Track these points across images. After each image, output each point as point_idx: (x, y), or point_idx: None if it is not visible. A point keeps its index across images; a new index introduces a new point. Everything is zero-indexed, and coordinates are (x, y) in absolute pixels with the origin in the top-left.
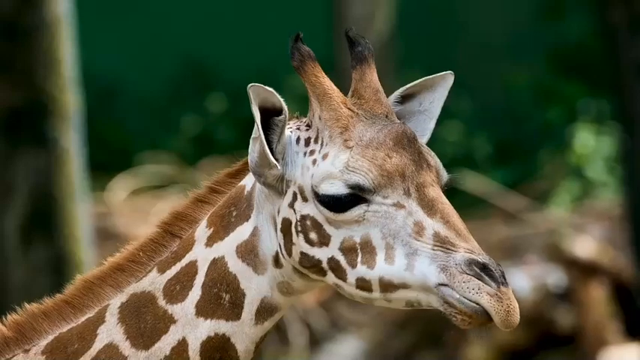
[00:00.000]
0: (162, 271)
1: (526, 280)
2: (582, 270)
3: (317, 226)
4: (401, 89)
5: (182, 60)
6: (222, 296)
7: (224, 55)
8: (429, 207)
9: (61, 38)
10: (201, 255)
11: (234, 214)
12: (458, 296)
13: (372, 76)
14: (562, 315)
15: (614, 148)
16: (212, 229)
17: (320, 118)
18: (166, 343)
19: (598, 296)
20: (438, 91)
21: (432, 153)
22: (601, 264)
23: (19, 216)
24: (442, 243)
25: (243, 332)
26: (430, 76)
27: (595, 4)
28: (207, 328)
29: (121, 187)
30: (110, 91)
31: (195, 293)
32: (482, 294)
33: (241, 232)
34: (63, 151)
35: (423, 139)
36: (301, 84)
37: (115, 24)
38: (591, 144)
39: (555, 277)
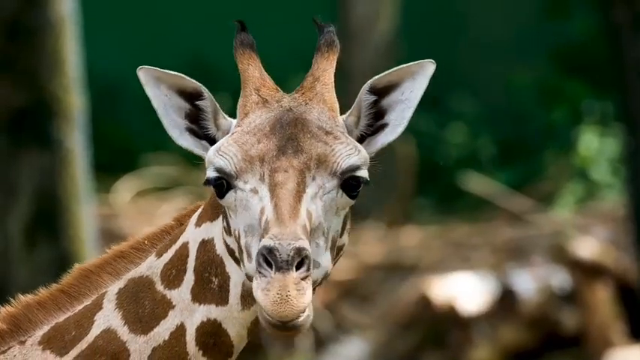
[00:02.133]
0: (159, 255)
1: (531, 281)
2: (587, 271)
3: (227, 214)
4: (372, 79)
5: (186, 60)
6: (212, 280)
7: (228, 55)
8: (272, 192)
9: (65, 38)
10: (192, 236)
11: None
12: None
13: (319, 65)
14: (567, 316)
15: (618, 150)
16: (202, 209)
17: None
18: (165, 328)
19: (603, 297)
20: (418, 80)
21: (333, 140)
22: (605, 265)
23: (24, 217)
24: (264, 230)
25: (232, 317)
26: (406, 65)
27: (599, 4)
28: (201, 313)
29: (125, 189)
30: (114, 91)
31: (189, 278)
32: (256, 291)
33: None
34: (67, 151)
35: (399, 129)
36: None
37: (118, 24)
38: (595, 145)
39: (560, 279)
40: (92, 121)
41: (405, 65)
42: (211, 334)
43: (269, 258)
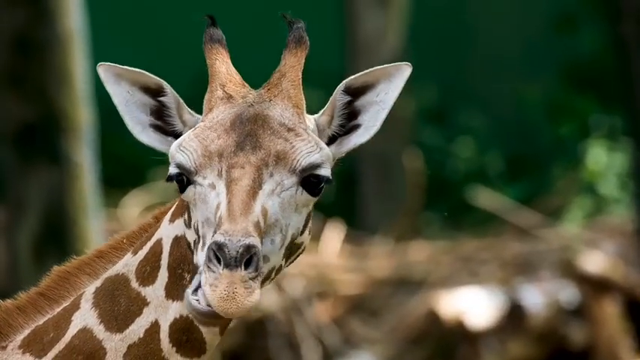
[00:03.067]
0: (135, 252)
1: (539, 296)
2: (595, 286)
3: (188, 208)
4: (347, 79)
5: (193, 76)
6: (184, 277)
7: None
8: (228, 187)
9: (74, 53)
10: (165, 232)
11: None
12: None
13: (287, 61)
14: (575, 331)
15: (626, 164)
16: (176, 205)
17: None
18: (140, 326)
19: (611, 312)
20: (394, 82)
21: (294, 137)
22: (614, 280)
23: (32, 231)
24: (217, 225)
25: None
26: (382, 66)
27: (607, 19)
28: (174, 310)
29: (134, 204)
30: None
31: (163, 275)
32: (205, 285)
33: None
34: (76, 166)
35: (372, 130)
36: (315, 98)
37: (127, 38)
38: (603, 160)
39: (568, 293)
40: (100, 136)
41: (381, 67)
42: (184, 331)
43: (218, 254)
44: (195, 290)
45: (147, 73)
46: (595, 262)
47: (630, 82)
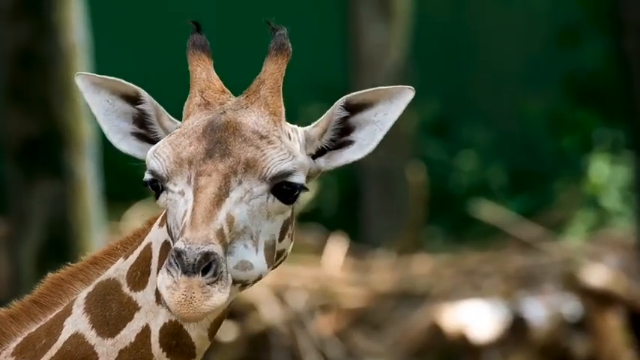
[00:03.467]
0: (126, 257)
1: (542, 309)
2: (598, 299)
3: (167, 212)
4: (348, 95)
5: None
6: None
7: (239, 86)
8: (195, 195)
9: (76, 67)
10: (155, 236)
11: None
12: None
13: (267, 68)
14: (577, 344)
15: (628, 178)
16: (166, 209)
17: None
18: (131, 330)
19: (613, 325)
20: (394, 104)
21: (266, 144)
22: (616, 293)
23: (35, 245)
24: (181, 232)
25: None
26: (385, 87)
27: (609, 33)
28: (164, 315)
29: (136, 217)
30: None
31: (153, 279)
32: (161, 286)
33: None
34: (78, 180)
35: (367, 149)
36: (319, 111)
37: (129, 51)
38: (606, 173)
39: (571, 306)
40: (103, 150)
41: (384, 87)
42: (173, 336)
43: (177, 260)
44: None
45: (124, 81)
46: (598, 275)
47: (633, 96)
